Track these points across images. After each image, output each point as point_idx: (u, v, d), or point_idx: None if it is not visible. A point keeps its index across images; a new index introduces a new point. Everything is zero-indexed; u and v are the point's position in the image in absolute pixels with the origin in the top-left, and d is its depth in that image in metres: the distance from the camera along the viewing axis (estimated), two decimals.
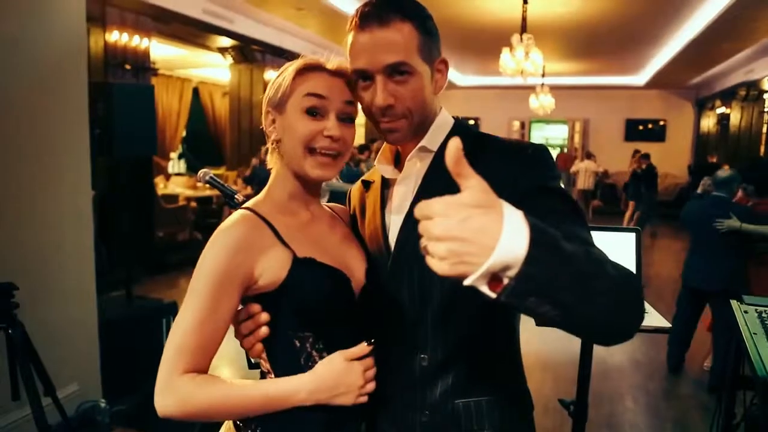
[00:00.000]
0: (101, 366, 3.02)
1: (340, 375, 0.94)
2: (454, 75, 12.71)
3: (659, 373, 4.01)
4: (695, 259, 3.78)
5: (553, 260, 0.63)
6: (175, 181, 9.33)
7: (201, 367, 0.92)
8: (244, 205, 1.03)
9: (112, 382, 3.05)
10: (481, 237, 0.59)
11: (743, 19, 6.73)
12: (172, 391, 0.89)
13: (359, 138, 12.12)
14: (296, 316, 0.97)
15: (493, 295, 0.63)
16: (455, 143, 0.61)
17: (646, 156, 9.76)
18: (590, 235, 0.86)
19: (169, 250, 6.73)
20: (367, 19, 0.94)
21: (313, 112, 0.97)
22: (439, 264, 0.61)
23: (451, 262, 0.60)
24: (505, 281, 0.61)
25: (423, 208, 0.62)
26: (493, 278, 0.62)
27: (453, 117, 1.07)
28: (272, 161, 1.05)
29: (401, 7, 0.95)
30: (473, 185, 0.61)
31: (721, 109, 11.76)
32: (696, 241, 3.81)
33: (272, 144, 1.03)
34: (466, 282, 0.61)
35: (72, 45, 2.84)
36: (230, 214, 1.05)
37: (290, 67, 1.00)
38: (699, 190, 4.47)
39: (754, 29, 7.36)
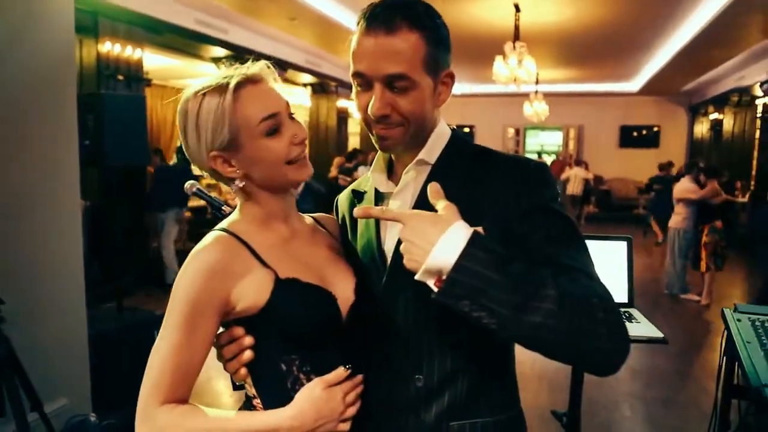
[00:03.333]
0: (91, 379, 2.97)
1: (320, 405, 0.90)
2: None
3: (657, 381, 3.98)
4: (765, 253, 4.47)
5: (485, 274, 0.76)
6: None
7: (180, 395, 0.88)
8: (218, 226, 0.98)
9: (103, 396, 3.00)
10: (424, 242, 0.79)
11: (733, 26, 6.78)
12: (150, 423, 0.86)
13: (355, 145, 12.08)
14: (281, 339, 0.93)
15: (435, 290, 0.80)
16: (435, 188, 0.86)
17: (661, 165, 10.00)
18: (584, 256, 0.87)
19: (163, 261, 6.67)
20: (374, 21, 0.89)
21: (273, 131, 0.94)
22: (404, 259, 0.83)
23: (407, 258, 0.83)
24: (441, 282, 0.79)
25: (400, 214, 0.85)
26: (439, 279, 0.79)
27: (450, 128, 1.04)
28: (237, 196, 1.01)
29: (412, 14, 0.90)
30: (441, 207, 0.84)
31: (714, 115, 11.82)
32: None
33: (241, 183, 0.96)
34: (417, 276, 0.81)
35: (61, 56, 2.82)
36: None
37: (222, 105, 0.90)
38: None
39: (744, 36, 7.41)
